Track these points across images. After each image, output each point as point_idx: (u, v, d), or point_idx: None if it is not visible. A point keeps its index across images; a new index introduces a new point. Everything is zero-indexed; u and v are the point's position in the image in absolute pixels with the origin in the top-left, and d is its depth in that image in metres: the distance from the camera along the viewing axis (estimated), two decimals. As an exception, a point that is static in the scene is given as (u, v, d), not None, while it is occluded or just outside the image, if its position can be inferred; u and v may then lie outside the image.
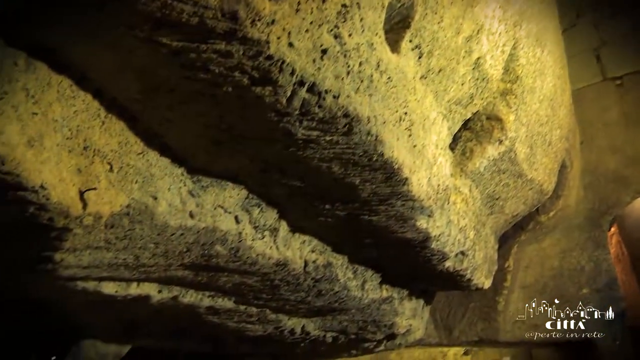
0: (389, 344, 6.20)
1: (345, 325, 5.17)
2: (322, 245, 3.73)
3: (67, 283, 2.94)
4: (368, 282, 4.50)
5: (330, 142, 2.57)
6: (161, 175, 2.55)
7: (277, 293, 3.85)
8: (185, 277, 3.27)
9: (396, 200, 3.21)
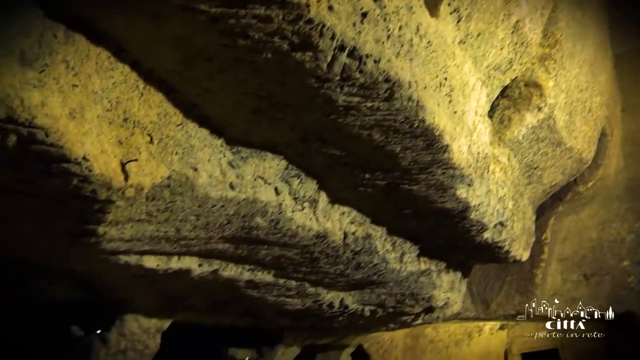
0: (426, 317, 6.18)
1: (384, 298, 5.14)
2: (361, 217, 3.70)
3: (110, 257, 2.96)
4: (406, 255, 4.46)
5: (371, 108, 2.52)
6: (201, 147, 2.53)
7: (317, 266, 3.83)
8: (226, 251, 3.27)
9: (437, 168, 3.16)
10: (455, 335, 12.68)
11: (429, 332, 12.56)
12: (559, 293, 8.58)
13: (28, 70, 1.90)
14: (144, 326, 4.57)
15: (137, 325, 4.51)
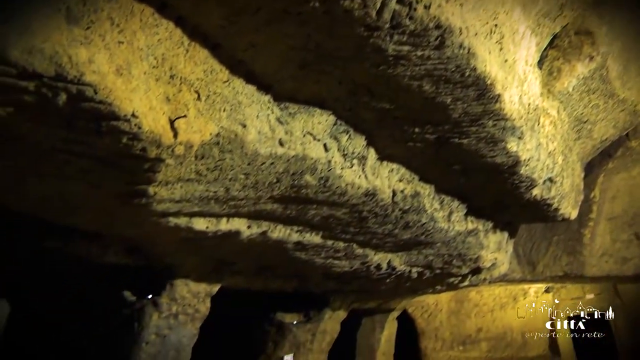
0: (473, 278, 6.10)
1: (431, 259, 5.09)
2: (410, 174, 3.63)
3: (160, 219, 2.97)
4: (454, 213, 4.38)
5: (422, 57, 2.43)
6: (248, 103, 2.49)
7: (365, 226, 3.79)
8: (274, 211, 3.25)
9: (487, 119, 3.05)
10: (500, 298, 12.59)
11: (474, 296, 12.50)
12: (609, 253, 8.37)
13: (74, 27, 1.87)
14: (194, 290, 4.62)
15: (187, 290, 4.57)
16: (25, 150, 2.31)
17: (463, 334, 12.83)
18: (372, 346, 9.03)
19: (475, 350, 12.86)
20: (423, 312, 12.40)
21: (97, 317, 4.85)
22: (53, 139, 2.18)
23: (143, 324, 4.44)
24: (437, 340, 12.73)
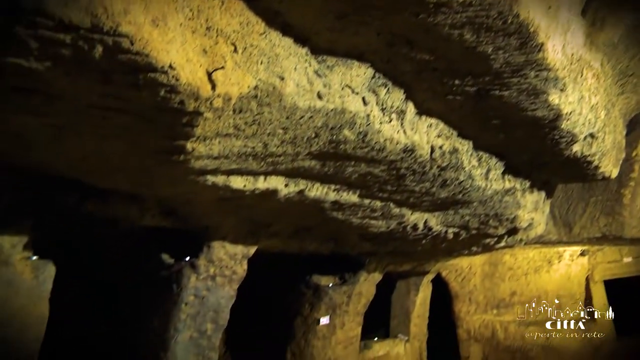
0: (509, 239, 6.02)
1: (467, 219, 5.03)
2: (448, 130, 3.55)
3: (197, 177, 2.96)
4: (492, 171, 4.30)
5: (463, 4, 2.34)
6: (285, 55, 2.44)
7: (402, 184, 3.74)
8: (312, 169, 3.21)
9: (529, 70, 2.95)
10: (534, 262, 12.45)
11: (508, 259, 12.39)
12: (649, 215, 8.18)
13: (108, -23, 1.84)
14: (231, 252, 4.65)
15: (224, 252, 4.60)
16: (63, 108, 2.30)
17: (497, 297, 12.77)
18: (407, 309, 9.07)
19: (509, 314, 12.80)
20: (457, 275, 12.36)
21: (136, 279, 4.93)
22: (91, 94, 2.16)
23: (182, 286, 4.50)
24: (471, 303, 12.71)
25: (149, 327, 4.75)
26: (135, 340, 4.92)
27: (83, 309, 5.45)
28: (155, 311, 4.72)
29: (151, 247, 4.72)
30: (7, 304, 3.49)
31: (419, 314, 9.26)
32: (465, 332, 12.82)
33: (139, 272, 4.88)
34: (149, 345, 4.72)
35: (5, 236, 3.51)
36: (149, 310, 4.77)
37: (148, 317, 4.77)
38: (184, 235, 4.55)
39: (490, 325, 12.80)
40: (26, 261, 3.66)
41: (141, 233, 4.73)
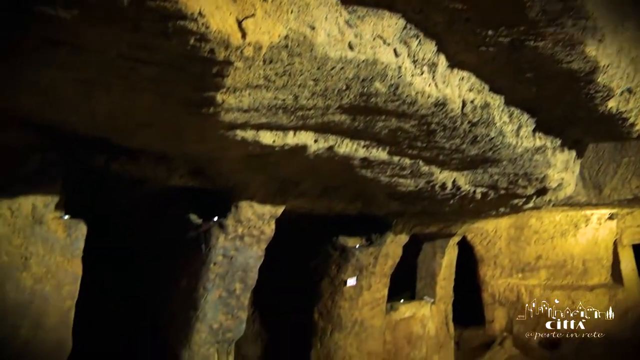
0: (538, 200, 5.94)
1: (496, 179, 4.96)
2: (480, 83, 3.47)
3: (227, 132, 2.94)
4: (523, 128, 4.21)
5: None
6: (316, 5, 2.37)
7: (432, 140, 3.68)
8: (342, 123, 3.17)
9: (567, 18, 2.84)
10: (561, 225, 12.32)
11: (534, 222, 12.27)
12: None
13: None
14: (259, 212, 4.66)
15: (252, 212, 4.61)
16: (91, 60, 2.28)
17: (522, 261, 12.71)
18: (433, 271, 9.07)
19: (534, 278, 12.75)
20: (482, 239, 12.31)
21: (165, 240, 4.98)
22: (119, 44, 2.13)
23: (210, 246, 4.54)
24: (496, 267, 12.67)
25: (178, 287, 4.82)
26: (165, 300, 5.00)
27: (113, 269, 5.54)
28: (184, 271, 4.77)
29: (179, 207, 4.75)
30: (44, 260, 3.55)
31: (444, 276, 9.26)
32: (490, 296, 12.82)
33: (167, 232, 4.93)
34: (179, 304, 4.79)
35: (37, 196, 3.54)
36: (178, 270, 4.83)
37: (177, 276, 4.84)
38: (211, 195, 4.57)
39: (515, 289, 12.77)
40: (59, 220, 3.71)
41: (169, 194, 4.76)
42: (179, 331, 4.76)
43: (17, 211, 3.42)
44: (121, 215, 5.33)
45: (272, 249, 5.03)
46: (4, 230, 3.36)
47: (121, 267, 5.60)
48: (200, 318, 4.63)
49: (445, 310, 9.44)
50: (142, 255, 5.34)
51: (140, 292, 5.34)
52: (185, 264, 4.75)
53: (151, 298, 5.20)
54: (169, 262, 4.95)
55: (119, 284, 5.61)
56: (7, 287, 3.35)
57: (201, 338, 4.67)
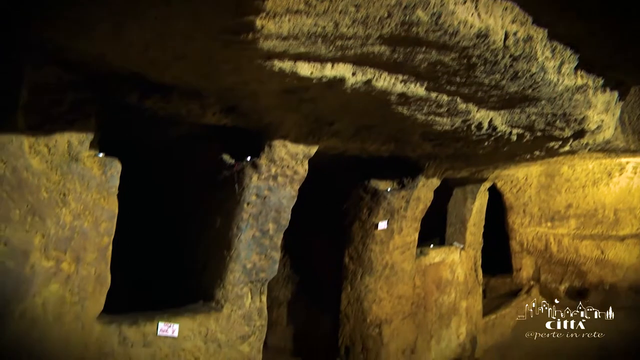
0: (574, 143, 5.80)
1: (533, 119, 4.83)
2: (524, 15, 3.32)
3: (265, 62, 2.88)
4: (565, 65, 4.05)
5: None
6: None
7: (472, 75, 3.57)
8: (382, 55, 3.07)
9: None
10: (594, 174, 12.12)
11: (565, 170, 12.09)
12: None
13: None
14: (292, 152, 4.63)
15: (285, 151, 4.58)
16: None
17: (552, 209, 12.60)
18: (463, 216, 9.04)
19: (563, 227, 12.65)
20: (512, 186, 12.19)
21: (199, 180, 4.99)
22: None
23: (244, 185, 4.53)
24: (525, 215, 12.59)
25: (212, 227, 4.85)
26: (199, 240, 5.05)
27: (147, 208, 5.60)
28: (218, 211, 4.79)
29: (212, 148, 4.74)
30: (81, 197, 3.58)
31: (474, 222, 9.22)
32: (518, 244, 12.79)
33: (201, 173, 4.94)
34: (213, 245, 4.83)
35: (72, 133, 3.54)
36: (212, 211, 4.86)
37: (211, 217, 4.86)
38: (244, 135, 4.54)
39: (544, 238, 12.72)
40: (94, 158, 3.72)
41: (202, 134, 4.74)
42: (213, 271, 4.82)
43: (53, 148, 3.43)
44: (155, 156, 5.35)
45: (303, 192, 5.01)
46: (41, 167, 3.38)
47: (155, 208, 5.66)
48: (234, 258, 4.67)
49: (475, 256, 9.44)
50: (176, 196, 5.38)
51: (174, 232, 5.40)
52: (219, 204, 4.77)
53: (186, 238, 5.26)
54: (202, 202, 4.97)
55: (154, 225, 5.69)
56: (48, 223, 3.39)
57: (235, 278, 4.72)
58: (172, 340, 4.36)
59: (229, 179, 4.61)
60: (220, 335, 4.69)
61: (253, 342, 4.97)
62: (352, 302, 6.96)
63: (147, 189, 5.45)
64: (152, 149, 5.26)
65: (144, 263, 5.78)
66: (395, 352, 7.08)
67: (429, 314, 8.00)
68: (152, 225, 5.73)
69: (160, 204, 5.64)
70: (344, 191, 6.87)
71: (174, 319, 4.38)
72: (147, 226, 5.67)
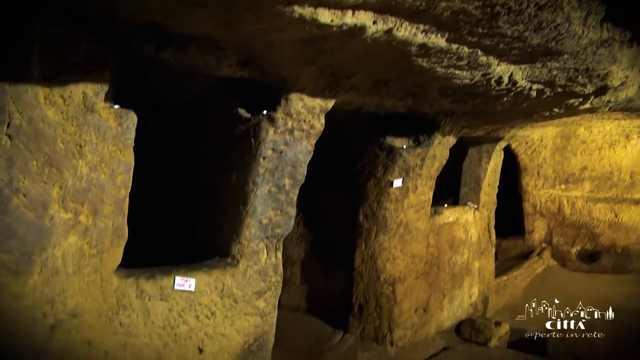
0: (596, 100, 5.69)
1: (555, 74, 4.72)
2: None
3: (285, 8, 2.81)
4: (591, 16, 3.92)
5: None
6: None
7: (495, 25, 3.46)
8: (403, 3, 2.96)
9: None
10: (611, 136, 11.97)
11: (582, 132, 11.95)
12: None
13: None
14: (309, 106, 4.56)
15: (302, 105, 4.51)
16: None
17: (567, 171, 12.51)
18: (478, 176, 8.97)
19: (577, 189, 12.57)
20: (527, 148, 12.08)
21: (215, 134, 4.95)
22: None
23: (260, 140, 4.49)
24: (539, 177, 12.51)
25: (228, 182, 4.83)
26: (215, 195, 5.04)
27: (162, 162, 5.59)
28: (234, 166, 4.76)
29: (228, 102, 4.69)
30: (97, 149, 3.55)
31: (489, 182, 9.16)
32: (531, 207, 12.74)
33: (217, 128, 4.89)
34: (229, 200, 4.82)
35: (87, 84, 3.49)
36: (228, 166, 4.83)
37: (227, 172, 4.84)
38: (261, 89, 4.47)
39: (557, 200, 12.65)
40: (110, 109, 3.68)
41: (218, 88, 4.69)
42: (228, 227, 4.81)
43: (68, 99, 3.39)
44: (172, 108, 5.31)
45: (317, 150, 4.95)
46: (57, 118, 3.34)
47: (171, 163, 5.65)
48: (250, 213, 4.66)
49: (488, 216, 9.41)
50: (191, 153, 5.36)
51: (189, 190, 5.40)
52: (235, 159, 4.73)
53: (201, 195, 5.25)
54: (218, 158, 4.94)
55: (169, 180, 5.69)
56: (65, 174, 3.37)
57: (251, 233, 4.72)
58: (188, 294, 4.39)
59: (244, 134, 4.56)
60: (236, 291, 4.72)
61: (269, 298, 5.00)
62: (366, 260, 6.97)
63: (161, 146, 5.43)
64: (166, 105, 5.21)
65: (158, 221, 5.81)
66: (409, 310, 7.12)
67: (442, 274, 8.02)
68: (166, 183, 5.73)
69: (175, 161, 5.62)
70: (359, 149, 6.81)
71: (190, 273, 4.41)
72: (161, 184, 5.67)
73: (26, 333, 3.29)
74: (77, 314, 3.63)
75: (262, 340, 5.01)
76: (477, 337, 7.83)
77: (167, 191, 5.79)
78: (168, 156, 5.67)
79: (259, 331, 4.96)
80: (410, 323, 7.16)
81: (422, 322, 7.40)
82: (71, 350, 3.63)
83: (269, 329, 5.07)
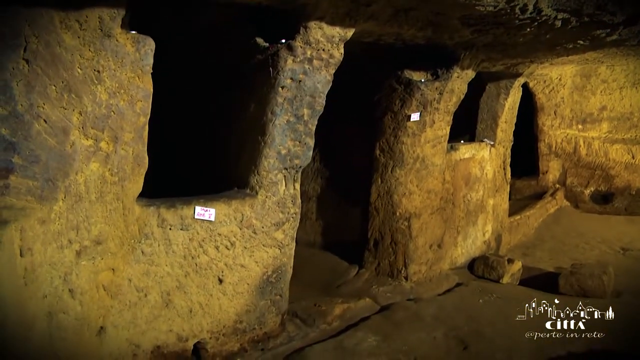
0: (625, 31, 5.46)
1: (582, 2, 4.52)
2: None
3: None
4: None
5: None
6: None
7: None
8: None
9: None
10: (634, 74, 11.80)
11: (603, 71, 11.68)
12: None
13: None
14: (328, 34, 4.46)
15: (321, 33, 4.41)
16: None
17: (584, 111, 12.32)
18: (495, 112, 8.85)
19: (594, 130, 12.40)
20: (545, 86, 11.87)
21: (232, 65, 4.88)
22: None
23: (278, 69, 4.41)
24: (556, 117, 12.34)
25: (246, 113, 4.79)
26: (233, 126, 5.01)
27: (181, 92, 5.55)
28: (252, 96, 4.71)
29: (246, 32, 4.58)
30: (115, 75, 3.50)
31: (506, 118, 9.04)
32: (546, 147, 12.62)
33: (234, 58, 4.81)
34: (248, 131, 4.79)
35: (103, 8, 3.41)
36: (246, 96, 4.78)
37: (245, 102, 4.79)
38: (279, 17, 4.37)
39: (574, 141, 12.52)
40: (127, 34, 3.60)
41: (235, 18, 4.59)
42: (247, 158, 4.80)
43: (84, 23, 3.31)
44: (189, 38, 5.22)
45: (333, 82, 4.86)
46: (74, 42, 3.28)
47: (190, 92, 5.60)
48: (268, 143, 4.63)
49: (504, 154, 9.33)
50: (209, 82, 5.29)
51: (208, 119, 5.36)
52: (253, 89, 4.67)
53: (219, 127, 5.22)
54: (236, 87, 4.87)
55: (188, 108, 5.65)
56: (84, 100, 3.34)
57: (269, 164, 4.70)
58: (208, 224, 4.42)
59: (263, 63, 4.48)
60: (255, 222, 4.74)
61: (287, 230, 5.03)
62: (382, 195, 6.96)
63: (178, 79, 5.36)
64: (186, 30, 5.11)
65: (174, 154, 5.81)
66: (423, 245, 7.15)
67: (456, 210, 8.02)
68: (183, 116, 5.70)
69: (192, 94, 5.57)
70: (376, 82, 6.68)
71: (210, 204, 4.42)
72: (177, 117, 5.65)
73: (52, 257, 3.34)
74: (101, 241, 3.68)
75: (280, 272, 5.08)
76: (489, 274, 7.88)
77: (182, 125, 5.77)
78: (184, 89, 5.61)
79: (277, 263, 5.02)
80: (425, 259, 7.20)
81: (436, 258, 7.44)
82: (95, 277, 3.70)
83: (287, 260, 5.12)
